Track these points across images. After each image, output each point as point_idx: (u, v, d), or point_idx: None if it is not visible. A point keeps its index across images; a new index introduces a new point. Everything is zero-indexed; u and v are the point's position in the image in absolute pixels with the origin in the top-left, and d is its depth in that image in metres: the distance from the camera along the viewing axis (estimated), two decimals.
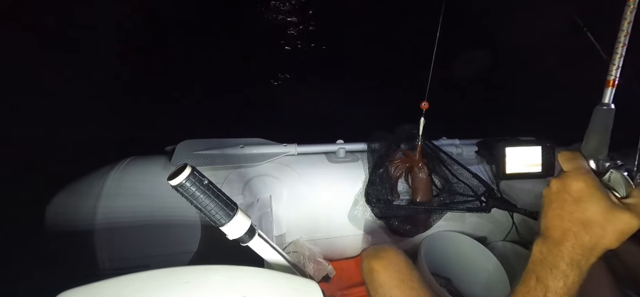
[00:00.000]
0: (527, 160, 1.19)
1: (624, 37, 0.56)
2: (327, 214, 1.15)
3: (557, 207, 0.42)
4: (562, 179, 0.42)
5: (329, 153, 1.26)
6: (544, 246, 0.42)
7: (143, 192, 1.03)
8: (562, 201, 0.41)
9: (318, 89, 2.72)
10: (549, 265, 0.41)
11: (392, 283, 0.72)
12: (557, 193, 0.42)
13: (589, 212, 0.39)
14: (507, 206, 1.06)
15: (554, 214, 0.42)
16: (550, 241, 0.42)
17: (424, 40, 1.06)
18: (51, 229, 0.97)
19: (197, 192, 0.53)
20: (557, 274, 0.40)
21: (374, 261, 0.75)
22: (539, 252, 0.43)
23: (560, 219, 0.41)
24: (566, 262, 0.40)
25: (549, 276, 0.40)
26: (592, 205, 0.39)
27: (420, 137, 1.10)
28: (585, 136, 0.45)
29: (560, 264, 0.40)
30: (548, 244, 0.42)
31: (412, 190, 1.14)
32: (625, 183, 0.42)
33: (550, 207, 0.43)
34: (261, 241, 0.64)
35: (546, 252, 0.42)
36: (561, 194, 0.42)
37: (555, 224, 0.42)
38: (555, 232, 0.42)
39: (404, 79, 2.47)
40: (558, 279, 0.40)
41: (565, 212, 0.41)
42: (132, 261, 0.97)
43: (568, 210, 0.40)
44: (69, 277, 0.53)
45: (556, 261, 0.40)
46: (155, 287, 0.53)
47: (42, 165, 1.48)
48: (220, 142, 1.16)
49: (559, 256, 0.40)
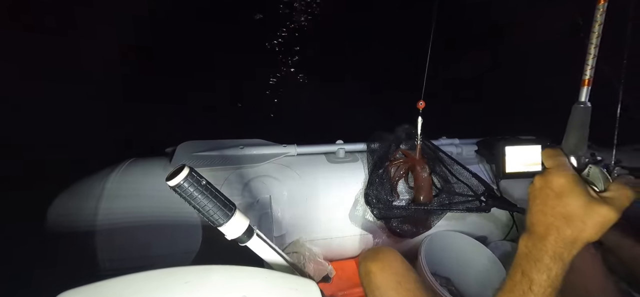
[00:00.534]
0: (527, 159, 1.19)
1: (595, 39, 0.60)
2: (327, 215, 1.15)
3: (540, 203, 0.43)
4: (545, 175, 0.43)
5: (329, 153, 1.26)
6: (529, 240, 0.44)
7: (143, 193, 1.03)
8: (544, 197, 0.43)
9: (318, 89, 2.72)
10: (534, 259, 0.42)
11: (389, 285, 0.72)
12: (540, 189, 0.44)
13: (570, 207, 0.40)
14: (507, 205, 1.06)
15: (538, 209, 0.43)
16: (535, 235, 0.43)
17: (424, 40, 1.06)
18: (52, 230, 0.97)
19: (195, 192, 0.53)
20: (541, 268, 0.41)
21: (371, 263, 0.75)
22: (524, 247, 0.44)
23: (544, 214, 0.42)
24: (549, 256, 0.41)
25: (533, 269, 0.42)
26: (572, 200, 0.40)
27: (419, 136, 1.11)
28: (565, 134, 0.47)
29: (544, 257, 0.41)
30: (533, 238, 0.43)
31: (413, 190, 1.14)
32: (603, 178, 0.43)
33: (534, 202, 0.44)
34: (260, 241, 0.64)
35: (531, 246, 0.43)
36: (544, 190, 0.43)
37: (539, 219, 0.43)
38: (539, 227, 0.43)
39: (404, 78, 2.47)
40: (542, 272, 0.41)
41: (547, 208, 0.42)
42: (132, 261, 0.97)
43: (550, 205, 0.42)
44: (69, 277, 0.53)
45: (540, 254, 0.42)
46: (155, 287, 0.53)
47: (42, 166, 1.48)
48: (220, 143, 1.16)
49: (543, 249, 0.42)
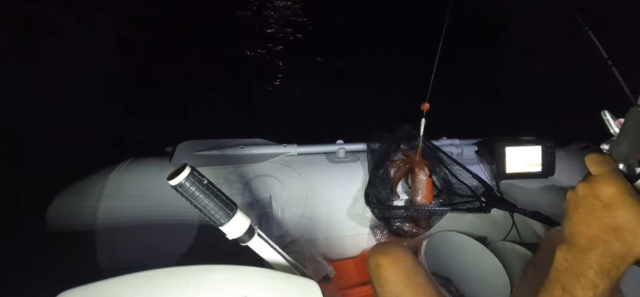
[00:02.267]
0: (527, 159, 1.19)
1: None
2: (327, 214, 1.15)
3: (585, 213, 0.39)
4: (591, 183, 0.40)
5: (329, 153, 1.26)
6: (570, 253, 0.40)
7: (143, 193, 1.03)
8: (590, 206, 0.39)
9: (318, 89, 2.72)
10: (577, 273, 0.39)
11: (398, 279, 0.71)
12: (585, 197, 0.40)
13: (621, 219, 0.37)
14: (507, 206, 1.06)
15: (581, 219, 0.40)
16: (577, 248, 0.39)
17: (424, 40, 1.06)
18: (52, 229, 0.97)
19: (196, 192, 0.53)
20: (586, 284, 0.38)
21: (381, 257, 0.75)
22: (564, 260, 0.40)
23: (588, 225, 0.39)
24: (595, 271, 0.37)
25: (576, 286, 0.38)
26: (623, 211, 0.37)
27: (420, 138, 1.10)
28: (617, 138, 0.43)
29: (588, 272, 0.38)
30: (574, 251, 0.40)
31: (413, 191, 1.14)
32: None
33: (576, 212, 0.40)
34: (261, 240, 0.64)
35: (572, 260, 0.39)
36: (589, 198, 0.39)
37: (582, 230, 0.39)
38: (582, 239, 0.39)
39: (404, 78, 2.47)
40: (587, 289, 0.38)
41: (593, 218, 0.39)
42: (132, 261, 0.97)
43: (597, 216, 0.38)
44: (69, 277, 0.53)
45: (584, 269, 0.38)
46: (155, 287, 0.53)
47: (42, 165, 1.48)
48: (220, 143, 1.16)
49: (587, 264, 0.38)
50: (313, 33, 3.39)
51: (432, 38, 1.00)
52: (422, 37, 1.03)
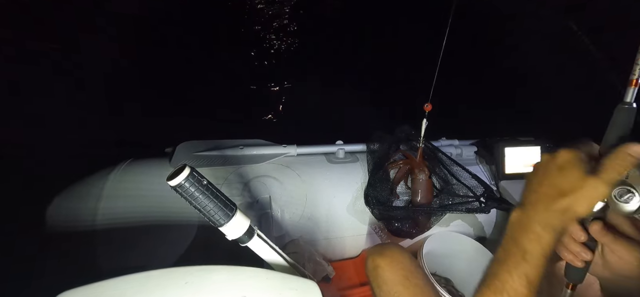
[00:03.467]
0: (526, 160, 1.19)
1: None
2: (327, 215, 1.15)
3: (541, 175, 0.43)
4: (554, 153, 0.43)
5: (329, 154, 1.26)
6: (521, 210, 0.44)
7: (143, 194, 1.03)
8: (546, 170, 0.43)
9: (318, 89, 2.72)
10: (525, 227, 0.43)
11: (396, 279, 0.72)
12: (545, 163, 0.44)
13: (568, 179, 0.40)
14: (506, 206, 1.06)
15: (536, 181, 0.44)
16: (527, 204, 0.44)
17: (423, 40, 1.06)
18: (52, 230, 0.97)
19: (196, 192, 0.53)
20: (532, 237, 0.42)
21: (379, 258, 0.76)
22: (516, 216, 0.45)
23: (539, 184, 0.43)
24: (540, 225, 0.41)
25: (524, 239, 0.42)
26: (572, 172, 0.40)
27: (421, 139, 1.10)
28: (605, 133, 0.45)
29: (534, 226, 0.42)
30: (524, 208, 0.44)
31: (412, 192, 1.14)
32: None
33: (534, 175, 0.45)
34: (260, 241, 0.64)
35: (522, 215, 0.44)
36: (548, 163, 0.43)
37: (534, 188, 0.44)
38: (532, 195, 0.43)
39: (404, 79, 2.47)
40: (533, 241, 0.41)
41: (545, 179, 0.42)
42: (132, 261, 0.97)
43: (549, 176, 0.42)
44: (69, 278, 0.53)
45: (530, 223, 0.42)
46: (155, 287, 0.53)
47: (42, 166, 1.48)
48: (220, 143, 1.16)
49: (534, 218, 0.42)
50: (313, 33, 3.39)
51: (432, 38, 1.00)
52: (422, 37, 1.03)
